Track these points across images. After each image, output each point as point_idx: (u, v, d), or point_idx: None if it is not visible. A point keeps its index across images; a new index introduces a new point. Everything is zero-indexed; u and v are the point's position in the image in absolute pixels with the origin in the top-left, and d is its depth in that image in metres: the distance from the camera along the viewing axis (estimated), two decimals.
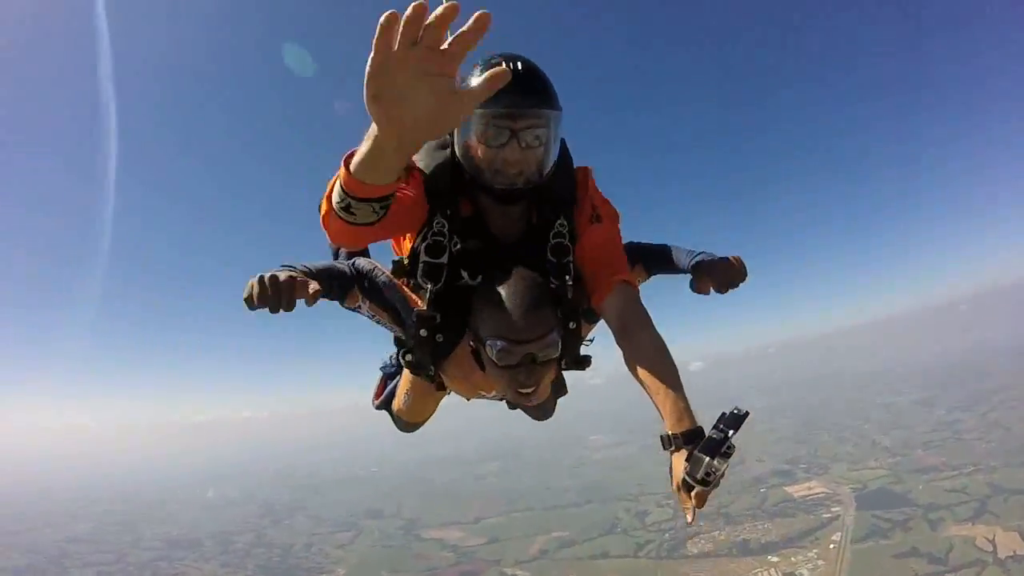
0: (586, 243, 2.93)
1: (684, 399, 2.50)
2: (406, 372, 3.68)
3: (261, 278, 2.26)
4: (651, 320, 2.78)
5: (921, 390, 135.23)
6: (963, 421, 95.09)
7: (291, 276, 2.33)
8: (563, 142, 2.86)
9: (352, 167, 1.94)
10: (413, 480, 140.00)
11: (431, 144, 2.71)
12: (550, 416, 4.43)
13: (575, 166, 3.03)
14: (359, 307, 2.97)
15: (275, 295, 2.26)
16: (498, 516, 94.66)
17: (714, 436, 2.22)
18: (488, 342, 2.52)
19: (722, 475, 2.30)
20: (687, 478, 2.30)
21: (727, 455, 2.22)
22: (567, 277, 2.85)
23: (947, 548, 51.74)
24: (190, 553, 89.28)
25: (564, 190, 2.90)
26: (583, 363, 3.33)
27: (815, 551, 57.90)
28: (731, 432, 2.23)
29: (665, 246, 3.54)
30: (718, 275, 3.22)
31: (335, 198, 2.14)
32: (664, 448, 2.51)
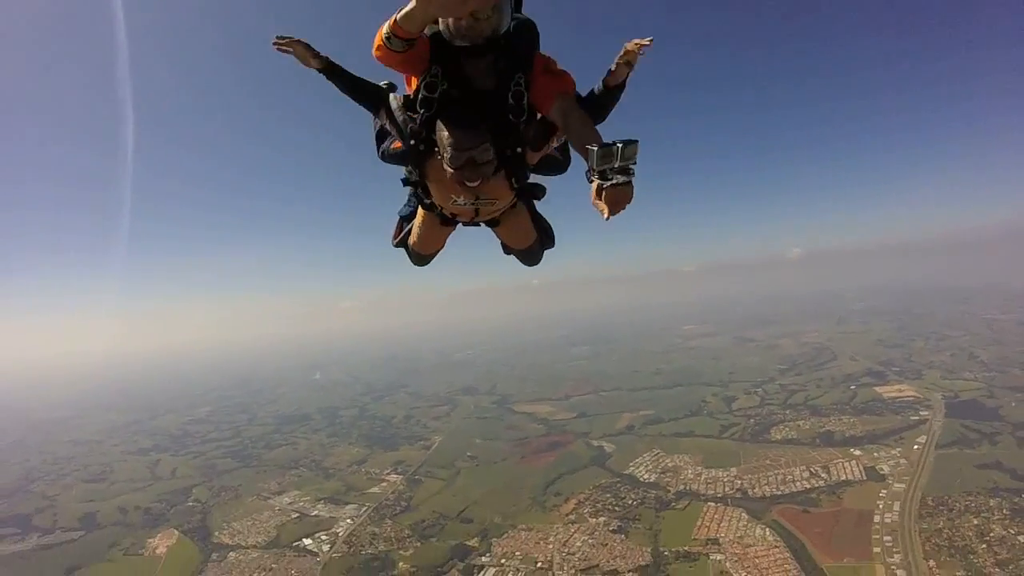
0: (538, 83, 4.26)
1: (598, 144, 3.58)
2: (420, 210, 5.32)
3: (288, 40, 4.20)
4: (584, 114, 4.17)
5: None
6: None
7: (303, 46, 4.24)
8: (530, 25, 4.28)
9: (398, 18, 3.53)
10: (507, 363, 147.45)
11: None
12: (537, 262, 5.96)
13: (541, 52, 4.38)
14: (383, 121, 4.52)
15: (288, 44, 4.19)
16: (587, 394, 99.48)
17: (608, 142, 3.35)
18: (444, 152, 4.05)
19: (622, 183, 3.38)
20: (594, 177, 3.43)
21: (626, 171, 3.37)
22: (521, 117, 4.27)
23: None
24: (300, 426, 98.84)
25: (524, 57, 4.23)
26: (536, 190, 4.93)
27: (898, 450, 58.84)
28: (620, 144, 3.28)
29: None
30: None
31: (384, 30, 3.67)
32: (587, 179, 3.55)
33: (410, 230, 5.60)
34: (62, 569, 51.72)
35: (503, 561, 47.43)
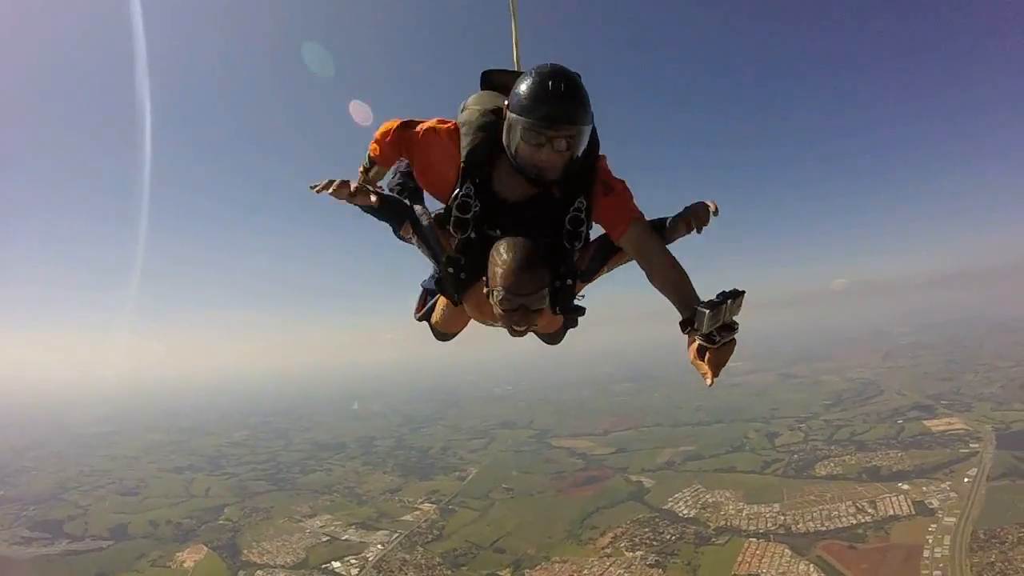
0: (599, 207, 3.59)
1: (693, 293, 3.15)
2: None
3: (340, 181, 3.45)
4: (662, 242, 3.57)
5: None
6: None
7: (359, 186, 3.53)
8: (594, 130, 3.53)
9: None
10: (547, 398, 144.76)
11: (473, 124, 3.58)
12: (558, 342, 5.14)
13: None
14: (410, 238, 3.90)
15: (338, 189, 3.43)
16: (627, 430, 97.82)
17: (712, 299, 2.85)
18: (495, 290, 3.27)
19: (727, 341, 2.95)
20: (697, 338, 3.00)
21: (731, 328, 2.92)
22: (577, 243, 3.61)
23: None
24: (335, 454, 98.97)
25: (585, 174, 3.57)
26: (577, 312, 4.06)
27: (948, 483, 57.05)
28: (728, 300, 2.81)
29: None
30: (686, 222, 3.82)
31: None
32: (683, 331, 3.12)
33: (434, 305, 4.86)
34: (88, 575, 52.95)
35: None
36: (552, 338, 5.03)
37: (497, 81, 3.93)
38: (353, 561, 54.82)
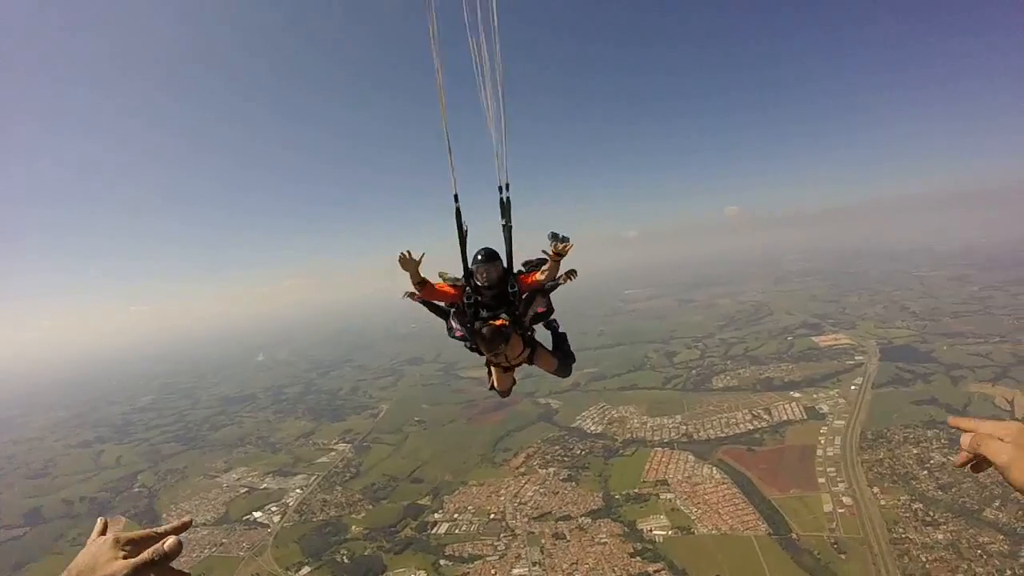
0: (524, 286, 7.08)
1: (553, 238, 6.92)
2: (492, 367, 7.99)
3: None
4: (542, 275, 6.99)
5: (958, 268, 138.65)
6: (995, 298, 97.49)
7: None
8: (510, 265, 6.99)
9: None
10: None
11: (462, 280, 7.04)
12: (567, 375, 8.27)
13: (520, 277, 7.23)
14: (454, 327, 7.32)
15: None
16: None
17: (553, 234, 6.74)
18: (482, 348, 6.98)
19: (567, 245, 6.53)
20: (555, 247, 6.54)
21: (566, 241, 6.54)
22: (520, 304, 7.06)
23: (965, 401, 54.60)
24: (244, 406, 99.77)
25: (515, 286, 6.99)
26: (534, 342, 7.61)
27: (836, 391, 61.22)
28: (560, 233, 6.65)
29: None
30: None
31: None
32: (554, 259, 6.63)
33: (489, 375, 8.12)
34: (8, 567, 51.35)
35: (456, 516, 48.58)
36: (559, 374, 8.12)
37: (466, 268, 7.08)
38: (274, 508, 55.54)
